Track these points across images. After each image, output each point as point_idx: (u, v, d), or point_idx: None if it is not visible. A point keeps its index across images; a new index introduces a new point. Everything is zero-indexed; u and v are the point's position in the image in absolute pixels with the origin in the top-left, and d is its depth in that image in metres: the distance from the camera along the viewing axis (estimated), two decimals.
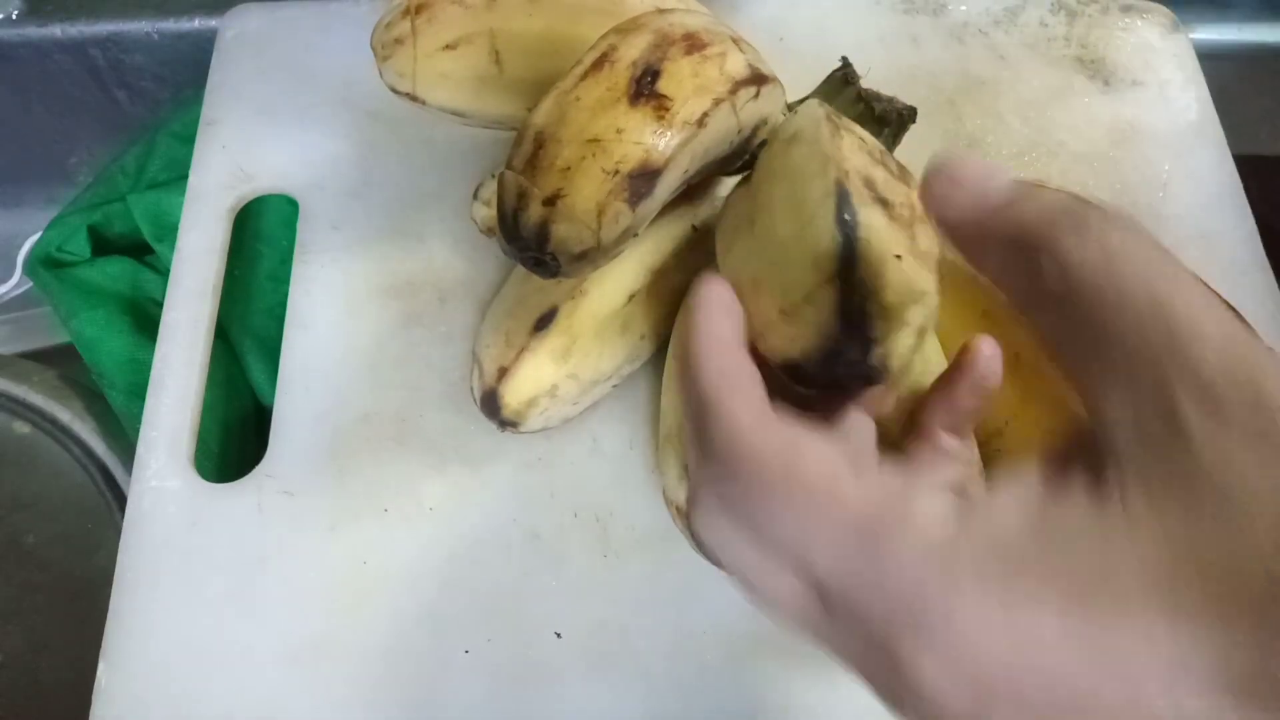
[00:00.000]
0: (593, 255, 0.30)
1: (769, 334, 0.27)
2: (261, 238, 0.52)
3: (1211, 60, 0.51)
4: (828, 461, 0.22)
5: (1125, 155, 0.48)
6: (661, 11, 0.33)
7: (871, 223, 0.26)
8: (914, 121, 0.38)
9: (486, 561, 0.39)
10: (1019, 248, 0.21)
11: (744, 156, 0.36)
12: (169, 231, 0.52)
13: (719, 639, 0.37)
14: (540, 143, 0.30)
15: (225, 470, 0.43)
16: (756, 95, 0.33)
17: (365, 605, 0.38)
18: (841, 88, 0.38)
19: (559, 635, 0.37)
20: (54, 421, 0.52)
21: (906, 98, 0.38)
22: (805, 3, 0.51)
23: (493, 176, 0.41)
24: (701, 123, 0.31)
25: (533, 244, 0.30)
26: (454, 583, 0.38)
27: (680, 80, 0.31)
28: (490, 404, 0.37)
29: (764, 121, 0.35)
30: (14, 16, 0.56)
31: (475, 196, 0.42)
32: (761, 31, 0.50)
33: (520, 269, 0.38)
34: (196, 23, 0.56)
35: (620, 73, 0.30)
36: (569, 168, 0.29)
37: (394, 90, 0.38)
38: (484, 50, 0.37)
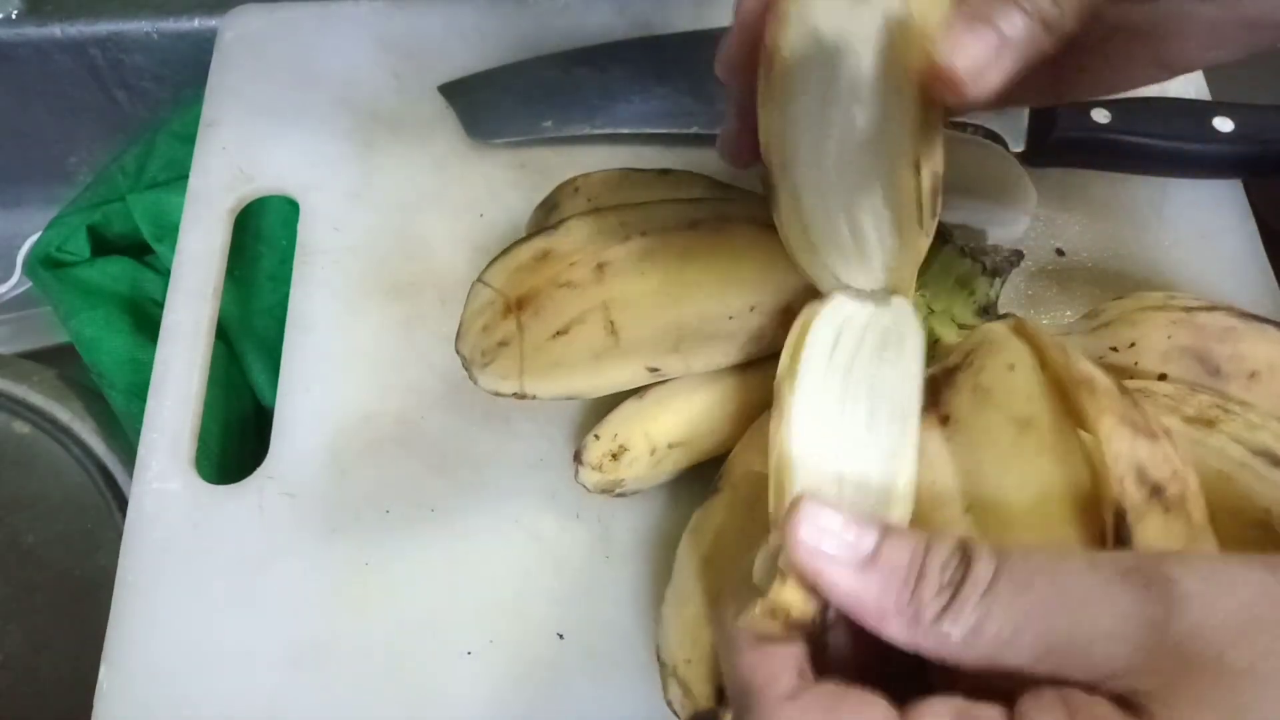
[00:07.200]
0: None
1: None
2: (261, 238, 0.52)
3: None
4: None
5: None
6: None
7: None
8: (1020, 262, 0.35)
9: (488, 563, 0.39)
10: None
11: None
12: (169, 231, 0.52)
13: None
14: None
15: (226, 472, 0.43)
16: None
17: (367, 607, 0.38)
18: (940, 247, 0.34)
19: (561, 636, 0.37)
20: (54, 421, 0.52)
21: None
22: None
23: (595, 437, 0.36)
24: None
25: None
26: (456, 584, 0.38)
27: None
28: None
29: None
30: (14, 16, 0.56)
31: (579, 460, 0.37)
32: None
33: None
34: (196, 23, 0.56)
35: None
36: None
37: (495, 394, 0.34)
38: (598, 325, 0.33)
